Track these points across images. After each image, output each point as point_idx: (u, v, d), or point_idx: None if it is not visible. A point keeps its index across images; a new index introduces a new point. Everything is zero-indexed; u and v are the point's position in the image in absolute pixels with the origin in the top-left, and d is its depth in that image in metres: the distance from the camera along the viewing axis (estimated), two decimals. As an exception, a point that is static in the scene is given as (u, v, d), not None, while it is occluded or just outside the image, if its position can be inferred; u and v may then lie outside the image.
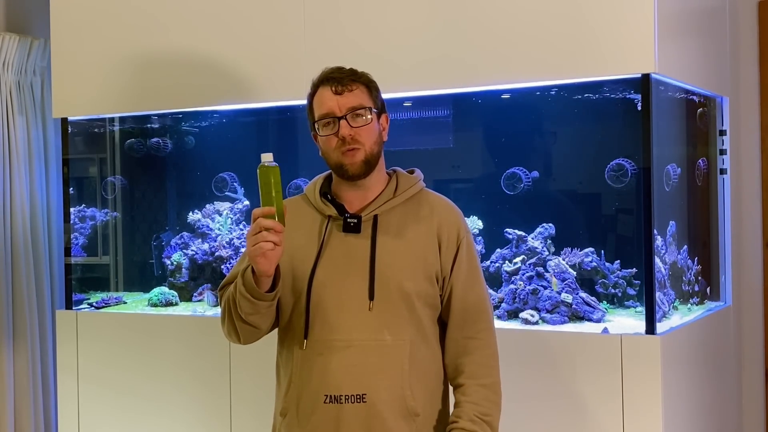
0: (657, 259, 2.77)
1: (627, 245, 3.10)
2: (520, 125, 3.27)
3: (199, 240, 3.72)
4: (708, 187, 3.29)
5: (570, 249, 3.09)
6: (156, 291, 3.61)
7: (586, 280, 3.04)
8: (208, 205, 3.76)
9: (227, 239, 3.65)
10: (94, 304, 3.63)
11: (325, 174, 2.14)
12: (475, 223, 3.21)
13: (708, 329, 3.12)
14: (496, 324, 2.13)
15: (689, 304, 3.11)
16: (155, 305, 3.56)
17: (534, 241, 3.11)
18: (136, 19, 3.40)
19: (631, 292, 3.02)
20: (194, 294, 3.66)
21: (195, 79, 3.28)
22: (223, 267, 3.63)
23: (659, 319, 2.71)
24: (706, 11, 3.22)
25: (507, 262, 3.13)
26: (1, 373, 3.79)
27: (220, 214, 3.73)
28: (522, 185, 3.15)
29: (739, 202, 3.47)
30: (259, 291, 1.92)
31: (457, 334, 2.05)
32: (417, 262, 2.02)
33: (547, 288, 2.98)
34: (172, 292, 3.62)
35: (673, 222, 3.04)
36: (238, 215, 3.72)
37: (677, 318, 2.91)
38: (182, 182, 4.01)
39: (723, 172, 3.30)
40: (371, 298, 1.98)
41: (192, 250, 3.69)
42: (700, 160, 3.25)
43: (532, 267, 3.05)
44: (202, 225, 3.72)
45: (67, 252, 3.67)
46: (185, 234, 3.76)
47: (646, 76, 2.60)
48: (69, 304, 3.60)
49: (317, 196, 2.09)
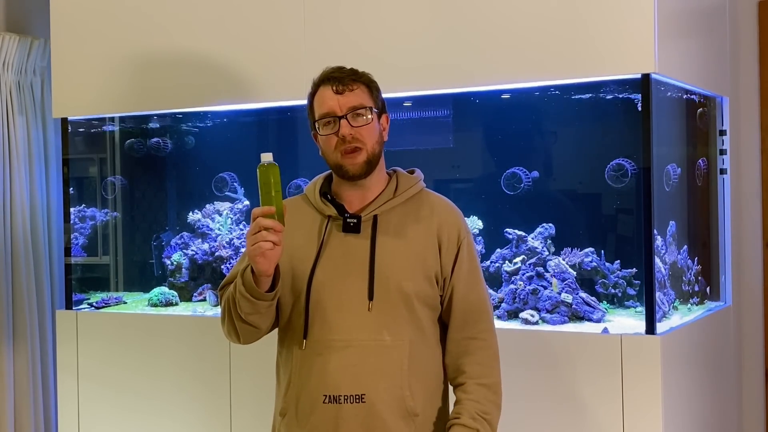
0: (657, 259, 2.77)
1: (627, 245, 3.10)
2: (520, 125, 3.27)
3: (199, 240, 3.72)
4: (708, 187, 3.29)
5: (570, 249, 3.09)
6: (156, 291, 3.61)
7: (586, 280, 3.04)
8: (208, 205, 3.76)
9: (227, 239, 3.65)
10: (94, 304, 3.63)
11: (325, 174, 2.14)
12: (475, 223, 3.21)
13: (708, 329, 3.12)
14: (496, 324, 2.13)
15: (689, 304, 3.10)
16: (155, 305, 3.56)
17: (534, 241, 3.11)
18: (136, 19, 3.40)
19: (631, 292, 3.02)
20: (194, 294, 3.66)
21: (195, 79, 3.28)
22: (223, 267, 3.62)
23: (659, 319, 2.71)
24: (706, 11, 3.22)
25: (507, 262, 3.13)
26: (1, 373, 3.79)
27: (220, 214, 3.73)
28: (522, 185, 3.15)
29: (739, 202, 3.47)
30: (259, 291, 1.92)
31: (458, 335, 2.05)
32: (416, 262, 2.02)
33: (547, 288, 2.98)
34: (172, 292, 3.62)
35: (673, 222, 3.04)
36: (238, 215, 3.72)
37: (677, 318, 2.91)
38: (182, 182, 4.01)
39: (723, 172, 3.30)
40: (370, 298, 1.98)
41: (192, 250, 3.69)
42: (700, 160, 3.25)
43: (532, 267, 3.05)
44: (202, 225, 3.72)
45: (67, 252, 3.67)
46: (185, 234, 3.76)
47: (646, 76, 2.60)
48: (69, 304, 3.60)
49: (317, 196, 2.09)
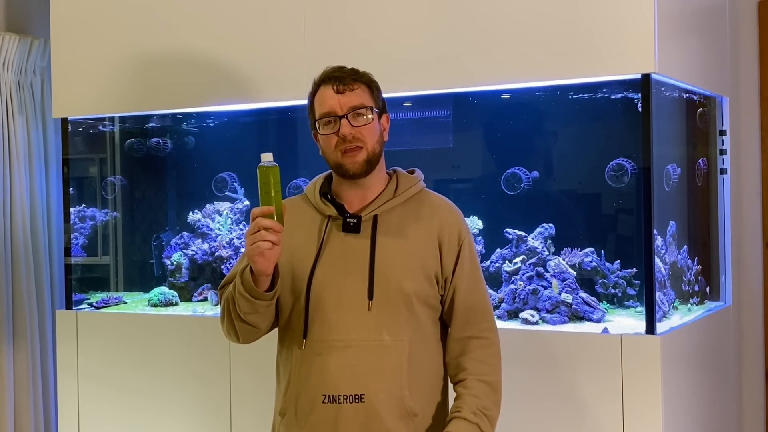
0: (657, 259, 2.77)
1: (627, 245, 3.10)
2: (520, 125, 3.27)
3: (199, 240, 3.72)
4: (708, 187, 3.29)
5: (570, 249, 3.09)
6: (156, 291, 3.61)
7: (586, 280, 3.04)
8: (208, 205, 3.76)
9: (227, 239, 3.65)
10: (94, 304, 3.63)
11: (325, 174, 2.14)
12: (475, 223, 3.21)
13: (708, 329, 3.12)
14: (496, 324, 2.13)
15: (689, 304, 3.10)
16: (155, 305, 3.56)
17: (534, 241, 3.10)
18: (136, 19, 3.40)
19: (631, 292, 3.02)
20: (194, 294, 3.66)
21: (195, 79, 3.28)
22: (223, 267, 3.62)
23: (659, 319, 2.71)
24: (706, 11, 3.22)
25: (507, 262, 3.12)
26: (1, 373, 3.79)
27: (220, 214, 3.73)
28: (522, 185, 3.15)
29: (739, 202, 3.47)
30: (258, 290, 1.92)
31: (459, 334, 2.05)
32: (417, 262, 2.02)
33: (547, 288, 2.98)
34: (172, 292, 3.62)
35: (673, 222, 3.04)
36: (238, 215, 3.72)
37: (677, 318, 2.91)
38: (182, 182, 4.01)
39: (723, 172, 3.30)
40: (370, 298, 1.98)
41: (192, 250, 3.69)
42: (700, 160, 3.25)
43: (532, 267, 3.04)
44: (202, 225, 3.72)
45: (67, 252, 3.66)
46: (185, 234, 3.76)
47: (646, 76, 2.60)
48: (69, 304, 3.60)
49: (317, 196, 2.09)
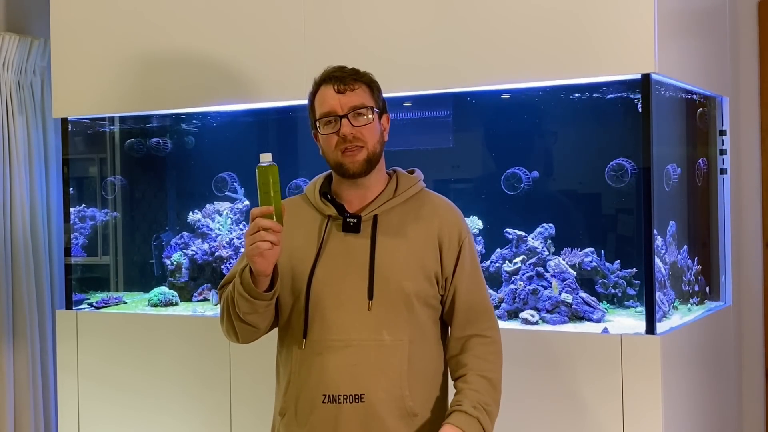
0: (657, 259, 2.77)
1: (627, 245, 3.10)
2: (520, 125, 3.27)
3: (199, 240, 3.72)
4: (708, 187, 3.29)
5: (570, 249, 3.09)
6: (156, 291, 3.61)
7: (586, 280, 3.04)
8: (208, 205, 3.76)
9: (227, 239, 3.65)
10: (94, 304, 3.63)
11: (325, 174, 2.14)
12: (475, 223, 3.21)
13: (708, 329, 3.12)
14: (496, 324, 2.13)
15: (689, 304, 3.10)
16: (155, 305, 3.56)
17: (534, 241, 3.10)
18: (136, 19, 3.40)
19: (631, 292, 3.02)
20: (194, 294, 3.66)
21: (195, 79, 3.28)
22: (223, 267, 3.62)
23: (659, 319, 2.71)
24: (706, 11, 3.22)
25: (507, 262, 3.12)
26: (1, 373, 3.79)
27: (220, 214, 3.73)
28: (522, 185, 3.15)
29: (739, 202, 3.47)
30: (257, 290, 1.92)
31: (461, 333, 2.05)
32: (417, 262, 2.02)
33: (547, 288, 2.98)
34: (172, 292, 3.62)
35: (673, 222, 3.04)
36: (238, 215, 3.72)
37: (677, 318, 2.91)
38: (182, 182, 4.01)
39: (723, 172, 3.30)
40: (370, 297, 1.98)
41: (192, 250, 3.69)
42: (700, 160, 3.25)
43: (532, 267, 3.04)
44: (202, 225, 3.72)
45: (67, 252, 3.66)
46: (185, 234, 3.76)
47: (646, 76, 2.60)
48: (69, 304, 3.60)
49: (317, 196, 2.09)
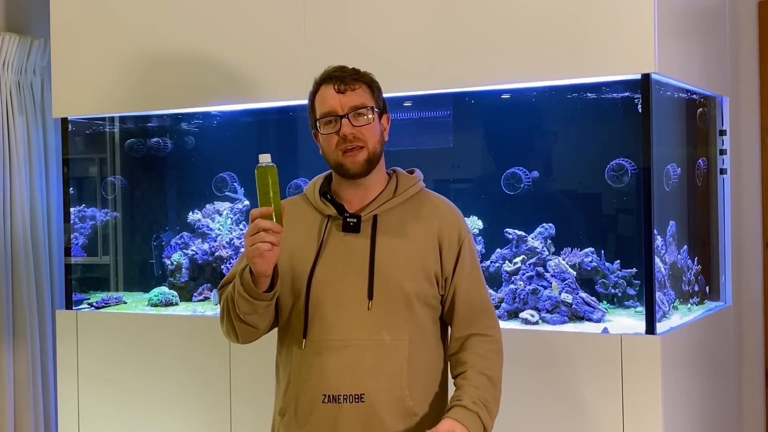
0: (657, 259, 2.77)
1: (627, 245, 3.09)
2: (520, 125, 3.27)
3: (199, 240, 3.72)
4: (708, 187, 3.29)
5: (570, 249, 3.09)
6: (156, 291, 3.61)
7: (586, 280, 3.04)
8: (208, 205, 3.76)
9: (227, 239, 3.65)
10: (94, 304, 3.63)
11: (324, 174, 2.14)
12: (475, 223, 3.21)
13: (708, 329, 3.12)
14: (496, 324, 2.13)
15: (689, 304, 3.10)
16: (155, 305, 3.56)
17: (534, 241, 3.10)
18: (136, 19, 3.40)
19: (631, 292, 3.02)
20: (194, 294, 3.66)
21: (195, 79, 3.28)
22: (223, 267, 3.62)
23: (659, 319, 2.71)
24: (706, 11, 3.22)
25: (507, 262, 3.12)
26: (1, 373, 3.79)
27: (220, 214, 3.73)
28: (522, 185, 3.15)
29: (739, 202, 3.47)
30: (257, 291, 1.92)
31: (461, 333, 2.05)
32: (416, 262, 2.02)
33: (547, 288, 2.98)
34: (172, 292, 3.62)
35: (673, 222, 3.04)
36: (238, 215, 3.72)
37: (677, 318, 2.91)
38: (182, 182, 4.01)
39: (723, 172, 3.30)
40: (370, 297, 1.98)
41: (192, 250, 3.69)
42: (700, 160, 3.25)
43: (532, 267, 3.04)
44: (202, 225, 3.72)
45: (67, 252, 3.66)
46: (185, 234, 3.76)
47: (646, 76, 2.60)
48: (69, 304, 3.60)
49: (317, 196, 2.09)
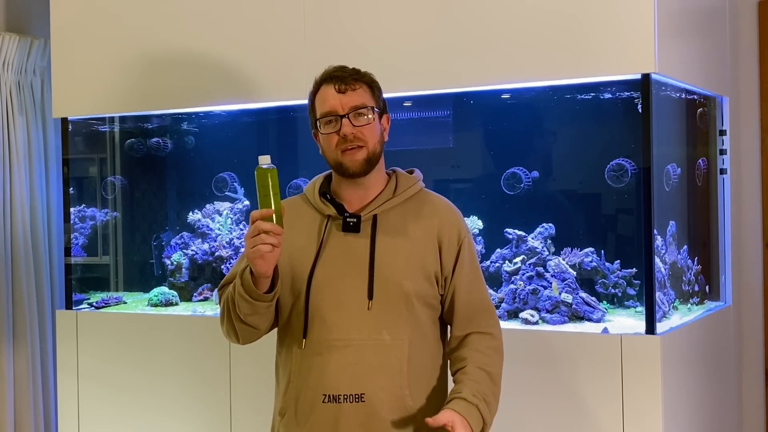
0: (657, 259, 2.77)
1: (627, 245, 3.10)
2: (520, 125, 3.27)
3: (199, 240, 3.72)
4: (708, 187, 3.29)
5: (570, 249, 3.09)
6: (156, 291, 3.61)
7: (586, 280, 3.04)
8: (208, 205, 3.76)
9: (227, 239, 3.65)
10: (94, 304, 3.63)
11: (324, 174, 2.14)
12: (475, 223, 3.21)
13: (708, 329, 3.12)
14: (496, 324, 2.13)
15: (689, 304, 3.10)
16: (155, 305, 3.56)
17: (534, 241, 3.10)
18: (136, 19, 3.40)
19: (631, 292, 3.02)
20: (194, 294, 3.66)
21: (195, 79, 3.28)
22: (223, 267, 3.62)
23: (659, 319, 2.71)
24: (706, 11, 3.22)
25: (507, 262, 3.12)
26: (1, 373, 3.79)
27: (220, 214, 3.73)
28: (522, 185, 3.15)
29: (739, 202, 3.47)
30: (258, 292, 1.92)
31: (461, 332, 2.05)
32: (416, 261, 2.02)
33: (547, 288, 2.98)
34: (172, 292, 3.62)
35: (673, 222, 3.04)
36: (238, 215, 3.72)
37: (677, 318, 2.91)
38: (182, 182, 4.01)
39: (723, 172, 3.30)
40: (370, 297, 1.98)
41: (192, 250, 3.69)
42: (700, 160, 3.25)
43: (532, 267, 3.04)
44: (202, 225, 3.72)
45: (67, 252, 3.66)
46: (185, 234, 3.76)
47: (646, 76, 2.60)
48: (69, 304, 3.60)
49: (316, 196, 2.09)
